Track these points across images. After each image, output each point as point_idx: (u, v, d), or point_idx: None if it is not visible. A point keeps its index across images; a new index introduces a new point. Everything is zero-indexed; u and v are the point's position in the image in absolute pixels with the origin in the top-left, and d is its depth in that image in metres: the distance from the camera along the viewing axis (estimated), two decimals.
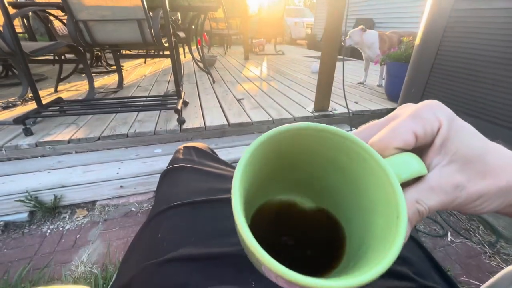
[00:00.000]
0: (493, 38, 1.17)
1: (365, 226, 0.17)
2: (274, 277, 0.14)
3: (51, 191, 1.16)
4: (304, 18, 10.47)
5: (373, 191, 0.16)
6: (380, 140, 0.16)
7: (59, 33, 2.67)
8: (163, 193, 0.43)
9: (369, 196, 0.17)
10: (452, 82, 1.37)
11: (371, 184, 0.16)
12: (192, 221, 0.34)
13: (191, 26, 2.61)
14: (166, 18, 1.47)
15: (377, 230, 0.16)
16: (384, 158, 0.16)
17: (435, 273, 0.30)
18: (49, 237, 1.05)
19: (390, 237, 0.14)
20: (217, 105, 1.93)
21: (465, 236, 1.06)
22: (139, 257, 0.32)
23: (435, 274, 0.29)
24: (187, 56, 4.54)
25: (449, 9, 1.33)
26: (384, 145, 0.16)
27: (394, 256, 0.13)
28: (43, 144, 1.36)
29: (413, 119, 0.16)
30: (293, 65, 3.86)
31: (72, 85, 2.47)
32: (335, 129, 0.16)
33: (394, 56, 2.03)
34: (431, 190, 0.16)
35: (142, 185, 1.27)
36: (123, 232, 1.07)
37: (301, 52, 5.74)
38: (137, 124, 1.57)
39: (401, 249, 0.13)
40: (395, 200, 0.14)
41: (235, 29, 5.38)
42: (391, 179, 0.15)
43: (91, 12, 1.51)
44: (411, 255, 0.30)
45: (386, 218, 0.15)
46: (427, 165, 0.16)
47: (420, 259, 0.30)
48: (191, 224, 0.34)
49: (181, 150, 0.54)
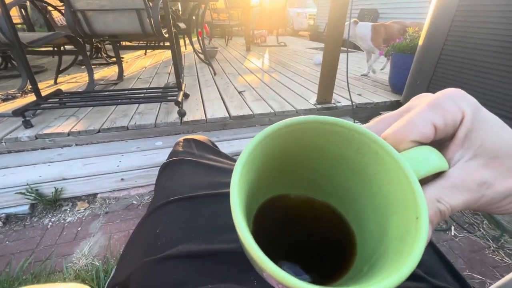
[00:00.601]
0: (502, 28, 1.13)
1: (379, 229, 0.15)
2: (275, 284, 0.12)
3: (52, 184, 1.15)
4: (306, 8, 10.27)
5: (388, 189, 0.15)
6: (395, 133, 0.15)
7: (58, 24, 2.63)
8: (162, 186, 0.42)
9: (384, 195, 0.15)
10: (460, 73, 1.33)
11: (385, 181, 0.15)
12: (192, 216, 0.33)
13: (191, 17, 2.56)
14: (166, 8, 1.44)
15: (393, 232, 0.14)
16: (400, 153, 0.14)
17: (447, 272, 0.28)
18: (50, 229, 1.05)
19: (409, 240, 0.13)
20: (218, 97, 1.91)
21: (468, 230, 1.05)
22: (138, 253, 0.31)
23: (446, 274, 0.28)
24: (188, 47, 4.48)
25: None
26: (399, 138, 0.14)
27: (416, 261, 0.12)
28: (43, 136, 1.35)
29: (432, 109, 0.14)
30: (295, 56, 3.80)
31: (71, 77, 2.45)
32: (343, 122, 0.15)
33: (399, 47, 1.98)
34: (454, 188, 0.14)
35: (143, 178, 1.26)
36: (124, 225, 1.07)
37: (304, 43, 5.64)
38: (137, 116, 1.55)
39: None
40: (414, 199, 0.13)
41: (237, 20, 5.29)
42: (408, 175, 0.13)
43: (89, 2, 1.47)
44: None
45: (404, 219, 0.14)
46: (448, 160, 0.15)
47: (430, 257, 0.29)
48: (191, 219, 0.33)
49: (181, 143, 0.53)
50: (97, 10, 1.51)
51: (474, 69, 1.27)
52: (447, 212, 0.14)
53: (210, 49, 3.55)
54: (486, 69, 1.22)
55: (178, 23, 2.66)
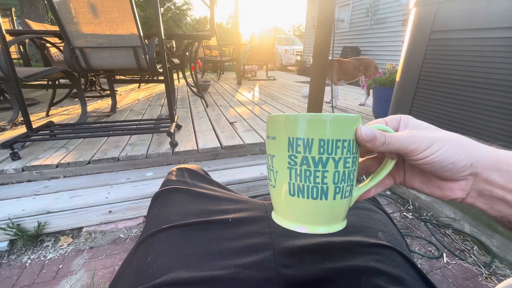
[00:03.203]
0: (468, 64, 1.26)
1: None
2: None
3: (35, 218, 1.11)
4: (294, 46, 11.03)
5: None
6: (373, 122, 0.27)
7: (54, 59, 2.72)
8: (154, 215, 0.42)
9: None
10: (436, 105, 1.44)
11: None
12: (183, 244, 0.34)
13: (185, 53, 2.70)
14: (161, 46, 1.53)
15: None
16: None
17: None
18: (29, 267, 0.99)
19: None
20: (210, 128, 1.95)
21: (460, 257, 1.05)
22: (128, 282, 0.31)
23: None
24: (181, 81, 4.65)
25: (426, 39, 1.44)
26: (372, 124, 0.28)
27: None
28: (30, 168, 1.33)
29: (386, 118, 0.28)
30: (284, 90, 3.98)
31: (64, 109, 2.47)
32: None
33: (380, 81, 2.14)
34: (394, 135, 0.25)
35: (132, 210, 1.23)
36: (110, 261, 1.02)
37: (292, 77, 5.96)
38: (129, 147, 1.56)
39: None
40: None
41: (228, 56, 5.58)
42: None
43: (88, 40, 1.56)
44: (405, 275, 0.30)
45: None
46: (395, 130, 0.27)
47: (415, 280, 0.30)
48: (182, 247, 0.33)
49: (174, 172, 0.54)
50: (96, 47, 1.59)
51: (448, 101, 1.38)
52: (388, 137, 0.24)
53: (203, 82, 3.70)
54: (459, 101, 1.32)
55: (172, 59, 2.80)
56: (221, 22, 31.69)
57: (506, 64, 1.12)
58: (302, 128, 0.24)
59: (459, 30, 1.30)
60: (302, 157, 0.24)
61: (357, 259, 0.31)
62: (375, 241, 0.34)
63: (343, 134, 0.23)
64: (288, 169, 0.24)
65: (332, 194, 0.24)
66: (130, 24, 1.51)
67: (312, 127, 0.23)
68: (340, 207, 0.25)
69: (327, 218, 0.25)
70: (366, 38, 6.92)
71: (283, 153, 0.25)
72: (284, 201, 0.26)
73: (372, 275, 0.29)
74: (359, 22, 7.10)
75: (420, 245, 1.13)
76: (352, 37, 7.46)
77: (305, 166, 0.23)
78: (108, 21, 1.50)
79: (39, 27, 2.70)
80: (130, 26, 1.51)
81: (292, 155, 0.24)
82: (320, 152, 0.23)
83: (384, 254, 0.32)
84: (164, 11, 21.41)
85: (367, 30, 6.83)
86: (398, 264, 0.31)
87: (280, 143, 0.25)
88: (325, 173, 0.23)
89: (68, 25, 1.49)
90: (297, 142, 0.24)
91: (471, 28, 1.24)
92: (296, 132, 0.24)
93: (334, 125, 0.23)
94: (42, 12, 7.56)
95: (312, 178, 0.24)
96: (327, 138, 0.23)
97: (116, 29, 1.52)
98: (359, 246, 0.33)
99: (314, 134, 0.23)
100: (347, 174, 0.24)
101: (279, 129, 0.25)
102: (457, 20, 1.30)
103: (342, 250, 0.32)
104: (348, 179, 0.24)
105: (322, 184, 0.24)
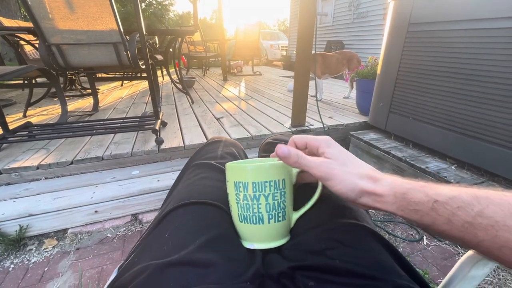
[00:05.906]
0: (444, 55, 1.31)
1: None
2: None
3: (16, 221, 1.08)
4: (279, 41, 11.02)
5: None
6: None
7: (29, 57, 2.60)
8: (178, 191, 0.44)
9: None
10: (415, 95, 1.49)
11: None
12: (201, 222, 0.34)
13: (168, 49, 2.65)
14: (143, 42, 1.50)
15: None
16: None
17: (402, 269, 0.30)
18: (12, 272, 0.96)
19: None
20: (196, 124, 1.94)
21: (439, 239, 1.11)
22: (145, 255, 0.32)
23: (402, 271, 0.30)
24: (165, 78, 4.56)
25: (404, 32, 1.48)
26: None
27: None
28: (8, 171, 1.28)
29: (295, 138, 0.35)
30: (270, 84, 3.99)
31: (43, 110, 2.38)
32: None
33: (362, 74, 2.18)
34: (310, 159, 0.30)
35: (119, 209, 1.21)
36: (97, 261, 1.00)
37: (278, 72, 5.97)
38: (113, 146, 1.53)
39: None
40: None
41: (213, 51, 5.52)
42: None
43: (65, 37, 1.50)
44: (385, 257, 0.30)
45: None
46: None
47: (385, 257, 0.31)
48: (199, 226, 0.34)
49: (222, 141, 0.59)
50: (74, 44, 1.54)
51: (425, 91, 1.43)
52: (300, 157, 0.30)
53: (188, 79, 3.65)
54: (435, 91, 1.38)
55: (156, 55, 2.75)
56: (205, 17, 31.18)
57: (476, 54, 1.18)
58: (241, 175, 0.33)
59: (433, 23, 1.35)
60: (243, 195, 0.33)
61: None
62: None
63: (269, 177, 0.32)
64: (236, 203, 0.34)
65: (267, 220, 0.33)
66: (109, 19, 1.46)
67: (247, 174, 0.33)
68: (277, 228, 0.34)
69: (269, 237, 0.34)
70: (349, 32, 7.01)
71: (232, 192, 0.34)
72: (237, 227, 0.35)
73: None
74: (343, 16, 7.18)
75: (402, 230, 1.18)
76: (335, 31, 7.54)
77: (245, 201, 0.33)
78: (85, 17, 1.45)
79: (11, 23, 2.57)
80: (109, 22, 1.47)
81: (237, 193, 0.33)
82: (254, 190, 0.32)
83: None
84: (146, 7, 20.76)
85: (350, 24, 6.92)
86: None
87: (230, 185, 0.34)
88: (259, 205, 0.32)
89: (42, 21, 1.43)
90: (239, 184, 0.33)
91: (443, 21, 1.29)
92: (238, 178, 0.33)
93: (261, 172, 0.33)
94: (14, 8, 7.17)
95: (251, 209, 0.33)
96: (258, 181, 0.32)
97: (94, 24, 1.47)
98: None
99: (248, 178, 0.32)
100: (277, 204, 0.33)
101: (229, 175, 0.35)
102: (431, 12, 1.35)
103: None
104: (278, 208, 0.33)
105: (258, 213, 0.32)
